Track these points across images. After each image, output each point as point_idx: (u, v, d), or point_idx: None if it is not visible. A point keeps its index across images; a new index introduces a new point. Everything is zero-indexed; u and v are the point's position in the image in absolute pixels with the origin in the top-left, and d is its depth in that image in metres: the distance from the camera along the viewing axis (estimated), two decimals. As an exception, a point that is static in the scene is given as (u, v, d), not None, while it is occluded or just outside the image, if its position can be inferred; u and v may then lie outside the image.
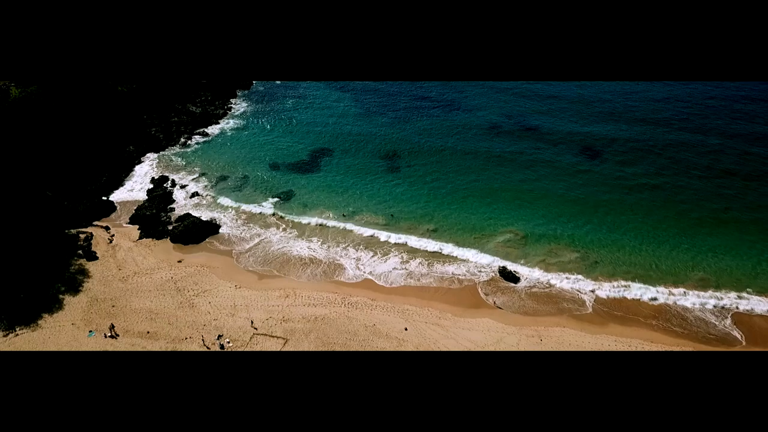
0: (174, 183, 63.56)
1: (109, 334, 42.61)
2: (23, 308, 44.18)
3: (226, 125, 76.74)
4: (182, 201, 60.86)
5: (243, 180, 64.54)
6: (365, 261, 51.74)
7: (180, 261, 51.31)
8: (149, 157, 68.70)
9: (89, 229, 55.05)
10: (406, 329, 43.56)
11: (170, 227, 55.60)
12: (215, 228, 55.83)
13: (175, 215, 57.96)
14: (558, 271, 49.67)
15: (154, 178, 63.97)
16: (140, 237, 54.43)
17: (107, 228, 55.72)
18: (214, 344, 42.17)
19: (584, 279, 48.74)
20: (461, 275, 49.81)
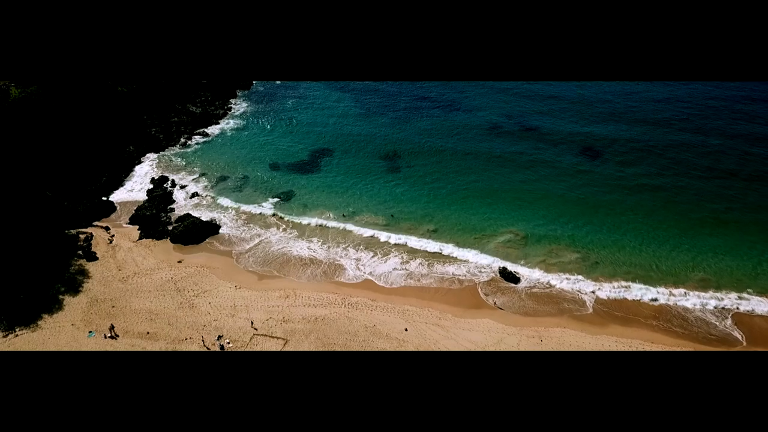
0: (174, 183, 63.52)
1: (109, 335, 42.56)
2: (23, 309, 44.13)
3: (226, 125, 76.68)
4: (182, 201, 60.82)
5: (243, 180, 64.48)
6: (365, 261, 51.68)
7: (180, 261, 51.26)
8: (149, 158, 68.65)
9: (89, 230, 55.00)
10: (407, 330, 43.50)
11: (170, 227, 55.54)
12: (215, 228, 55.78)
13: (175, 215, 57.91)
14: (558, 272, 49.61)
15: (154, 179, 63.93)
16: (140, 237, 54.38)
17: (107, 228, 55.67)
18: (214, 345, 42.11)
19: (584, 279, 48.69)
20: (461, 276, 49.75)
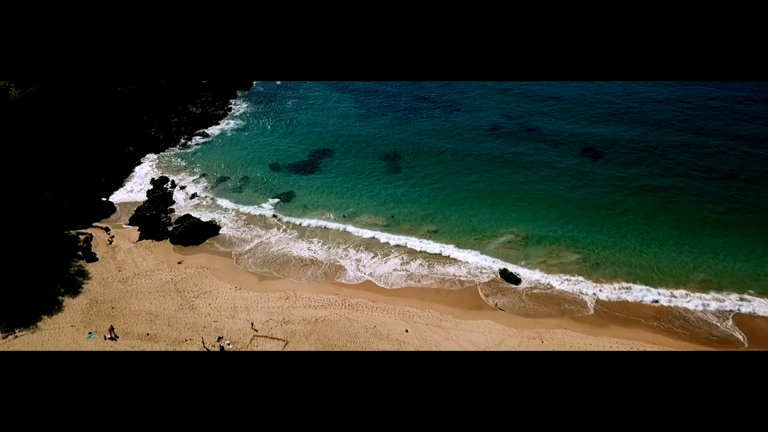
0: (174, 184, 63.42)
1: (109, 336, 42.44)
2: (22, 310, 44.00)
3: (227, 126, 76.59)
4: (182, 202, 60.72)
5: (243, 181, 64.39)
6: (366, 262, 51.57)
7: (180, 262, 51.15)
8: (149, 158, 68.56)
9: (89, 231, 54.90)
10: (407, 331, 43.38)
11: (170, 228, 55.44)
12: (215, 229, 55.68)
13: (175, 216, 57.81)
14: (559, 273, 49.50)
15: (154, 179, 63.83)
16: (140, 238, 54.27)
17: (107, 229, 55.56)
18: (214, 346, 42.00)
19: (585, 280, 48.58)
20: (462, 276, 49.64)
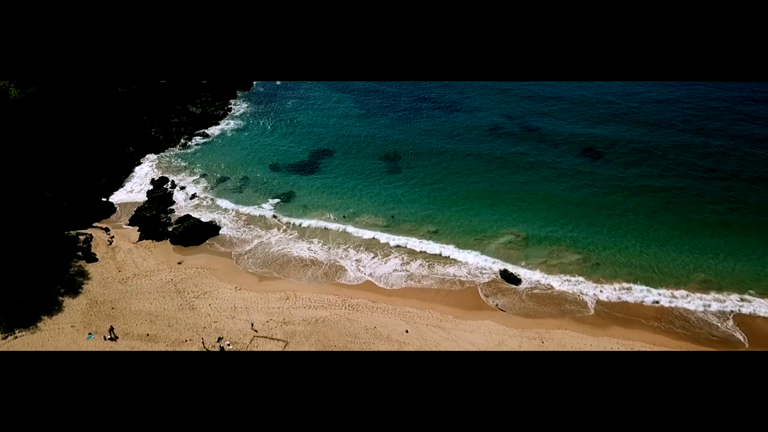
0: (174, 184, 63.38)
1: (109, 337, 42.40)
2: (22, 310, 43.95)
3: (227, 126, 76.55)
4: (182, 202, 60.67)
5: (243, 181, 64.35)
6: (366, 263, 51.52)
7: (180, 262, 51.11)
8: (149, 158, 68.52)
9: (89, 231, 54.86)
10: (407, 332, 43.34)
11: (170, 229, 55.40)
12: (215, 229, 55.63)
13: (175, 216, 57.77)
14: (559, 273, 49.45)
15: (154, 180, 63.80)
16: (140, 238, 54.23)
17: (107, 229, 55.53)
18: (215, 347, 41.95)
19: (586, 281, 48.53)
20: (462, 277, 49.59)
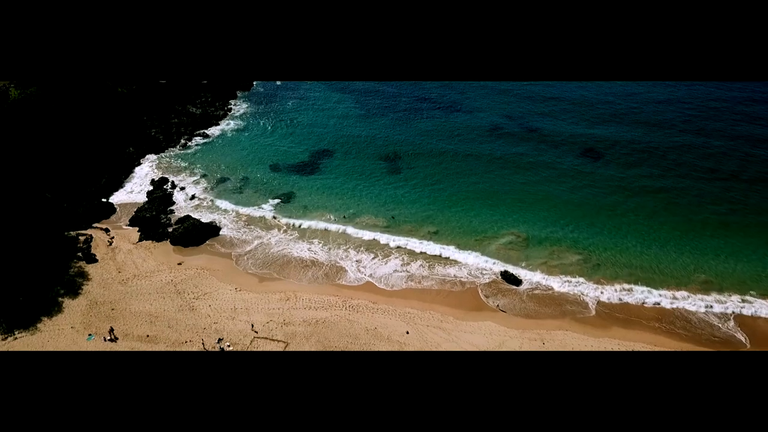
0: (174, 185, 63.30)
1: (109, 338, 42.32)
2: (22, 311, 43.86)
3: (227, 126, 76.48)
4: (182, 203, 60.59)
5: (243, 182, 64.28)
6: (366, 263, 51.44)
7: (180, 263, 51.03)
8: (149, 159, 68.46)
9: (89, 231, 54.78)
10: (408, 333, 43.27)
11: (170, 229, 55.31)
12: (215, 230, 55.55)
13: (175, 217, 57.68)
14: (560, 274, 49.38)
15: (154, 180, 63.72)
16: (140, 239, 54.15)
17: (107, 230, 55.45)
18: (215, 348, 41.87)
19: (586, 282, 48.47)
20: (463, 278, 49.51)
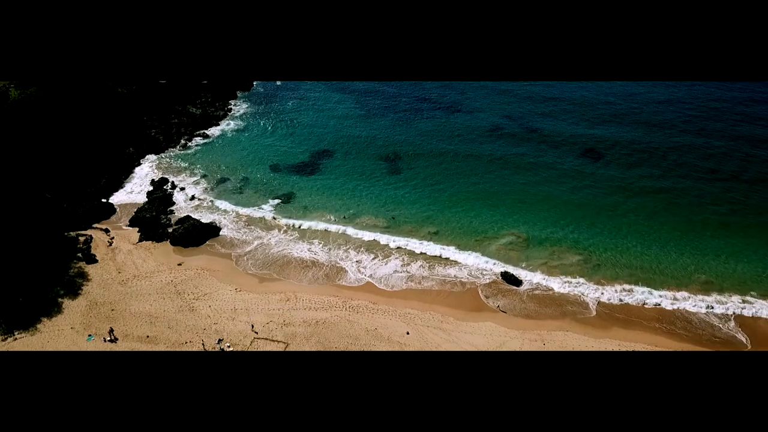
0: (174, 185, 63.26)
1: (109, 339, 42.27)
2: (22, 312, 43.82)
3: (227, 127, 76.45)
4: (182, 203, 60.54)
5: (243, 182, 64.23)
6: (366, 264, 51.39)
7: (180, 264, 50.98)
8: (149, 159, 68.41)
9: (89, 232, 54.72)
10: (408, 333, 43.22)
11: (170, 230, 55.25)
12: (215, 230, 55.51)
13: (175, 217, 57.63)
14: (560, 275, 49.34)
15: (154, 180, 63.66)
16: (140, 239, 54.10)
17: (107, 230, 55.40)
18: (215, 348, 41.82)
19: (587, 282, 48.42)
20: (463, 278, 49.46)
